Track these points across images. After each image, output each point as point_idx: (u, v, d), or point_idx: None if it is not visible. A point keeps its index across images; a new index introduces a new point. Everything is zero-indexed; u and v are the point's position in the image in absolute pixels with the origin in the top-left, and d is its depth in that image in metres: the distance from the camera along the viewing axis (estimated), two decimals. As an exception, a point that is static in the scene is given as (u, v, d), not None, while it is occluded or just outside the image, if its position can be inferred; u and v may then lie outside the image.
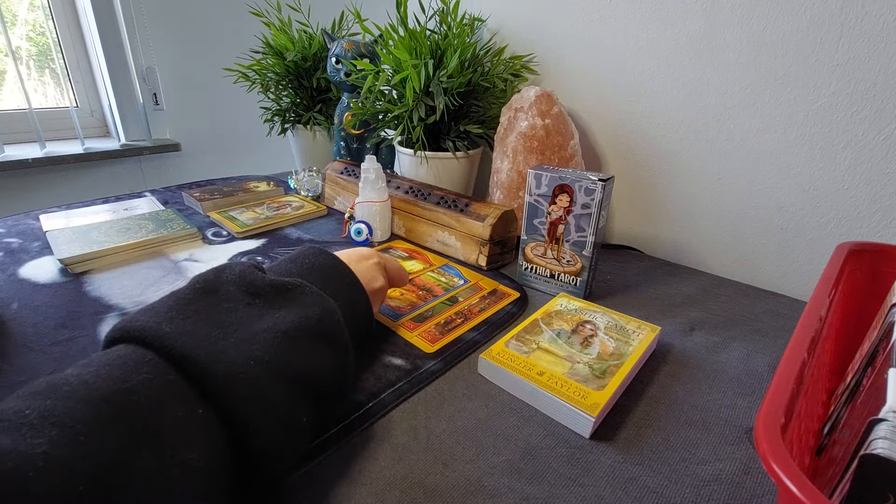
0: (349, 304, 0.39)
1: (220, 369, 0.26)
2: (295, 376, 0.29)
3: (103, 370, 0.24)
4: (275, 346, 0.29)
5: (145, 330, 0.27)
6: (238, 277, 0.33)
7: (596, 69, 0.73)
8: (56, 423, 0.20)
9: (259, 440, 0.26)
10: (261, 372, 0.27)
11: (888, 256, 0.41)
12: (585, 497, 0.32)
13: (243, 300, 0.32)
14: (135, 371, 0.24)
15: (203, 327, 0.28)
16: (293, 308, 0.32)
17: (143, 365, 0.25)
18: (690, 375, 0.45)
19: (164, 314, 0.28)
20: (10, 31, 1.19)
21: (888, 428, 0.21)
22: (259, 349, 0.28)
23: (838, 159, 0.55)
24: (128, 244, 0.64)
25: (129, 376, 0.24)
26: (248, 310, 0.31)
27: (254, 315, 0.31)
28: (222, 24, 1.47)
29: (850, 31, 0.51)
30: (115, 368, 0.24)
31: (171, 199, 0.89)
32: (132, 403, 0.23)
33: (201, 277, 0.33)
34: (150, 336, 0.26)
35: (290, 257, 0.41)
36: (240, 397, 0.26)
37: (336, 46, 0.88)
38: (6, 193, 1.22)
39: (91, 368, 0.24)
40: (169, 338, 0.26)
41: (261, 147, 1.67)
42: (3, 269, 0.60)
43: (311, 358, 0.31)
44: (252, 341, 0.29)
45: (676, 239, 0.72)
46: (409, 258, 0.66)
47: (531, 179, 0.56)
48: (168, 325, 0.27)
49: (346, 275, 0.41)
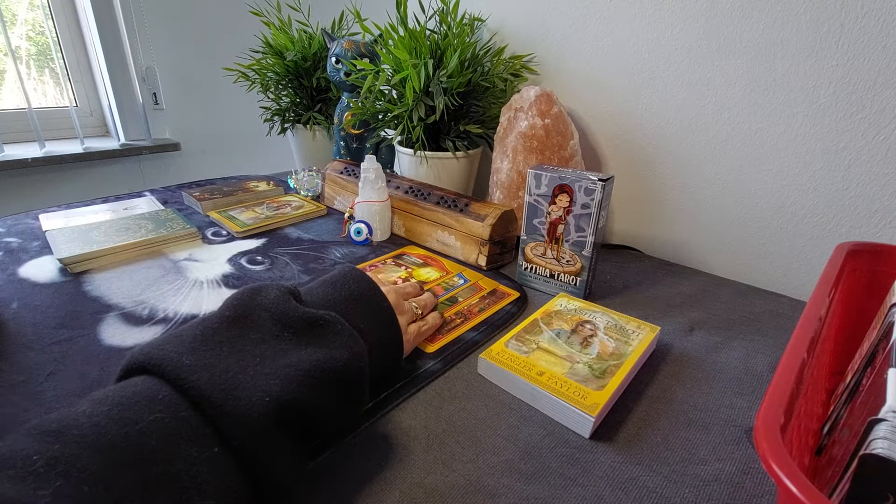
0: (382, 342, 0.38)
1: (232, 408, 0.25)
2: (306, 416, 0.29)
3: (115, 410, 0.23)
4: (293, 383, 0.28)
5: (165, 361, 0.26)
6: (272, 304, 0.32)
7: (596, 69, 0.73)
8: (62, 473, 0.20)
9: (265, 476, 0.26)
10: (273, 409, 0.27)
11: (888, 256, 0.41)
12: (585, 497, 0.32)
13: (272, 331, 0.31)
14: (147, 410, 0.24)
15: (223, 360, 0.28)
16: (321, 346, 0.32)
17: (157, 403, 0.24)
18: (690, 375, 0.45)
19: (188, 344, 0.28)
20: (9, 31, 1.19)
21: (888, 428, 0.21)
22: (277, 385, 0.28)
23: (838, 159, 0.55)
24: (127, 244, 0.64)
25: (141, 416, 0.23)
26: (274, 342, 0.31)
27: (279, 349, 0.30)
28: (222, 24, 1.47)
29: (850, 31, 0.51)
30: (128, 408, 0.24)
31: (170, 199, 0.89)
32: (143, 447, 0.22)
33: (234, 302, 0.32)
34: (167, 368, 0.26)
35: (330, 280, 0.40)
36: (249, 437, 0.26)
37: (336, 46, 0.88)
38: (5, 193, 1.21)
39: (105, 408, 0.23)
40: (186, 371, 0.26)
41: (260, 147, 1.67)
42: (3, 268, 0.60)
43: (325, 400, 0.30)
44: (272, 375, 0.28)
45: (676, 239, 0.72)
46: (423, 265, 0.64)
47: (531, 179, 0.56)
48: (189, 358, 0.27)
49: (384, 313, 0.40)
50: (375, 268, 0.63)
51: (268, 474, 0.26)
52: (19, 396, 0.38)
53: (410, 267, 0.64)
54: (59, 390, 0.39)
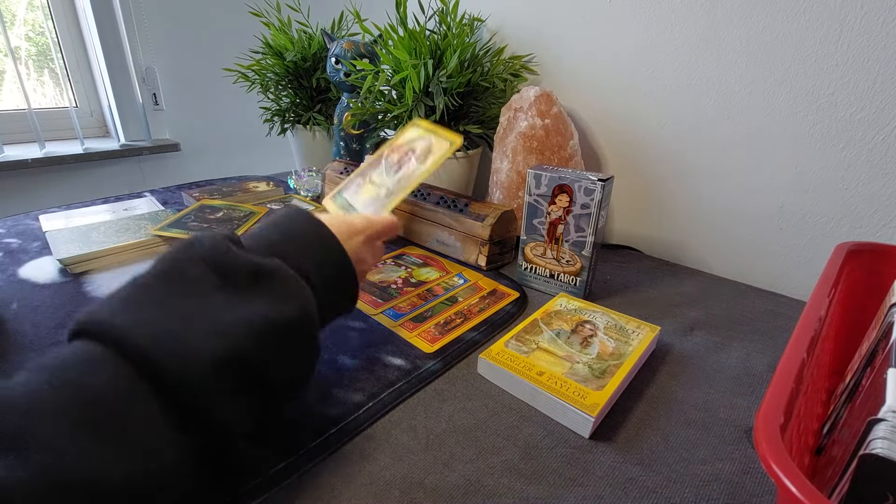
0: (330, 284, 0.36)
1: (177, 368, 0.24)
2: (259, 377, 0.28)
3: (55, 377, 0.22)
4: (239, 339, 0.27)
5: (99, 324, 0.25)
6: (209, 254, 0.30)
7: (596, 69, 0.73)
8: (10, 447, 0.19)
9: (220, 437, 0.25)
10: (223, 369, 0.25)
11: (887, 256, 0.41)
12: (585, 497, 0.32)
13: (212, 282, 0.29)
14: (89, 372, 0.23)
15: (160, 318, 0.26)
16: (268, 299, 0.29)
17: (98, 364, 0.23)
18: (690, 375, 0.45)
19: (119, 305, 0.26)
20: (9, 31, 1.19)
21: (887, 428, 0.21)
22: (222, 343, 0.26)
23: (838, 159, 0.55)
24: (127, 244, 0.64)
25: (84, 380, 0.22)
26: (216, 296, 0.28)
27: (222, 302, 0.28)
28: (222, 24, 1.47)
29: (850, 31, 0.51)
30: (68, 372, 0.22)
31: (170, 200, 0.89)
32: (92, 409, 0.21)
33: (167, 256, 0.30)
34: (103, 331, 0.24)
35: (271, 221, 0.37)
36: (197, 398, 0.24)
37: (336, 46, 0.88)
38: (5, 194, 1.21)
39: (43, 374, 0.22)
40: (121, 331, 0.24)
41: (260, 147, 1.67)
42: (3, 269, 0.60)
43: (275, 356, 0.29)
44: (218, 334, 0.26)
45: (676, 239, 0.72)
46: (423, 265, 0.65)
47: (531, 179, 0.56)
48: (122, 318, 0.25)
49: (333, 252, 0.37)
50: (376, 268, 0.63)
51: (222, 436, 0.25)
52: (19, 397, 0.38)
53: (410, 267, 0.64)
54: (59, 391, 0.39)
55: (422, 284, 0.59)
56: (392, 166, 0.53)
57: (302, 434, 0.35)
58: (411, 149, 0.53)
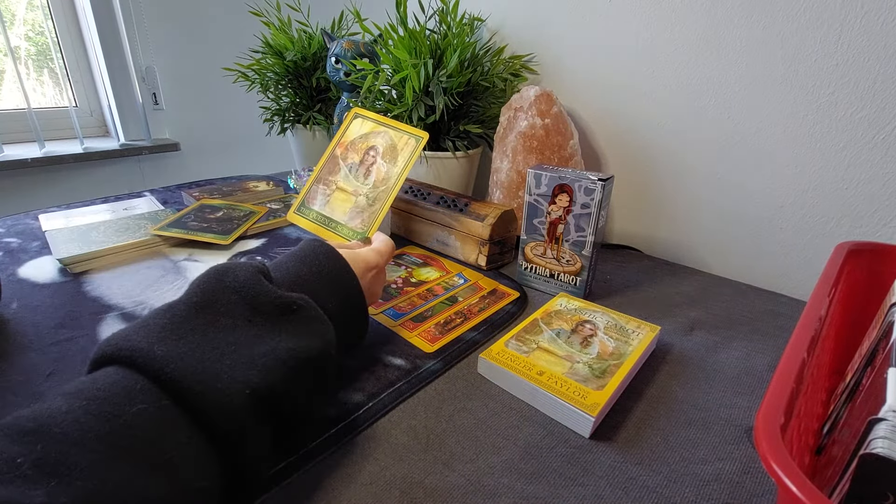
0: (348, 321, 0.38)
1: (213, 398, 0.25)
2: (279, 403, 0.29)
3: (94, 405, 0.22)
4: (270, 373, 0.28)
5: (136, 352, 0.25)
6: (241, 287, 0.31)
7: (596, 69, 0.73)
8: (52, 474, 0.19)
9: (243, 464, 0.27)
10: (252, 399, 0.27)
11: (888, 256, 0.41)
12: (585, 497, 0.32)
13: (244, 315, 0.31)
14: (127, 402, 0.23)
15: (197, 349, 0.27)
16: (295, 334, 0.31)
17: (136, 394, 0.24)
18: (690, 375, 0.45)
19: (156, 334, 0.27)
20: (9, 31, 1.19)
21: (888, 427, 0.21)
22: (255, 375, 0.27)
23: (838, 159, 0.55)
24: (127, 244, 0.64)
25: (122, 409, 0.23)
26: (247, 328, 0.30)
27: (253, 335, 0.30)
28: (222, 24, 1.47)
29: (850, 31, 0.51)
30: (106, 402, 0.23)
31: (170, 199, 0.89)
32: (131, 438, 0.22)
33: (201, 287, 0.31)
34: (139, 359, 0.25)
35: (299, 256, 0.39)
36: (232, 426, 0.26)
37: (336, 46, 0.88)
38: (5, 193, 1.21)
39: (81, 402, 0.22)
40: (160, 361, 0.25)
41: (260, 147, 1.67)
42: (3, 268, 0.60)
43: (298, 388, 0.30)
44: (249, 365, 0.28)
45: (676, 239, 0.72)
46: (423, 265, 0.65)
47: (531, 179, 0.56)
48: (160, 347, 0.26)
49: (353, 291, 0.40)
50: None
51: (246, 462, 0.27)
52: (19, 396, 0.38)
53: (410, 267, 0.64)
54: (58, 390, 0.39)
55: (422, 284, 0.59)
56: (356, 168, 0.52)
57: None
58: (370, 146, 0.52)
